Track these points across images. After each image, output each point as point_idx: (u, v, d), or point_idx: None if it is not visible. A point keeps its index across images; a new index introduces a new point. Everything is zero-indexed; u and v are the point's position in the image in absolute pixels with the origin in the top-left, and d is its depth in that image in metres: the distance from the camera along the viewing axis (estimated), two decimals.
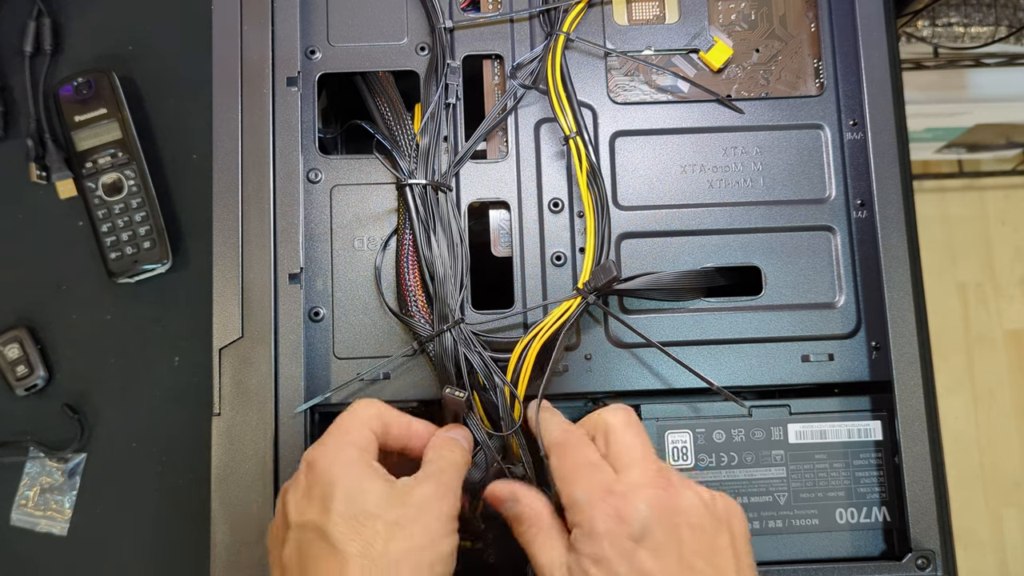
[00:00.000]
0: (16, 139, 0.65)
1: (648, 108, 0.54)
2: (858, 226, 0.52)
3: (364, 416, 0.43)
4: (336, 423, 0.43)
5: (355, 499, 0.39)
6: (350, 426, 0.42)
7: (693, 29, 0.55)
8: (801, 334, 0.51)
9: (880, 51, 0.52)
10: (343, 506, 0.39)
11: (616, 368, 0.50)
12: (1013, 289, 1.52)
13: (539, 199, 0.52)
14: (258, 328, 0.48)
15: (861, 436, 0.50)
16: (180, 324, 0.63)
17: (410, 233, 0.51)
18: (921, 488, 0.48)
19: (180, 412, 0.62)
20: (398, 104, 0.53)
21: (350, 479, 0.40)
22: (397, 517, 0.39)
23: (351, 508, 0.39)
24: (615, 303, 0.51)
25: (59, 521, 0.61)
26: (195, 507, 0.58)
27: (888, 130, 0.51)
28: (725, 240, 0.52)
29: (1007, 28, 1.02)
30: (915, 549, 0.47)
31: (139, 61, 0.66)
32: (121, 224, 0.62)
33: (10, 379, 0.61)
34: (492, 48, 0.54)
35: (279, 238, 0.50)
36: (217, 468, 0.47)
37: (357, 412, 0.43)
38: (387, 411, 0.44)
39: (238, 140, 0.50)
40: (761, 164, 0.53)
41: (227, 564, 0.47)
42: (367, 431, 0.42)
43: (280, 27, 0.52)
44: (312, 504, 0.39)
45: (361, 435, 0.42)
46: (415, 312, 0.50)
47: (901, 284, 0.50)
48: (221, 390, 0.48)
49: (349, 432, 0.42)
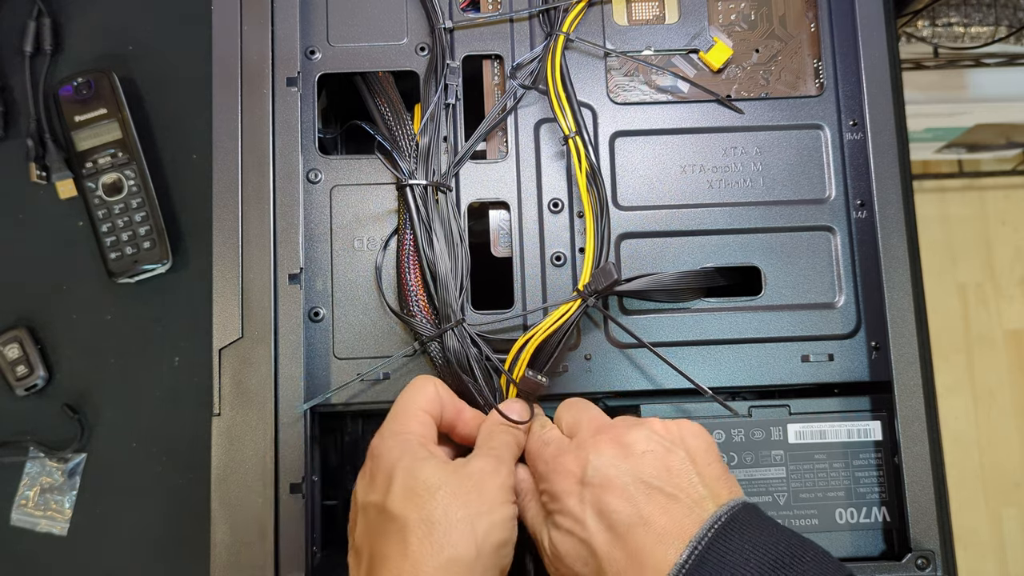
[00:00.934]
0: (16, 139, 0.65)
1: (648, 108, 0.54)
2: (858, 226, 0.52)
3: (422, 400, 0.45)
4: (396, 407, 0.45)
5: (412, 475, 0.41)
6: (408, 410, 0.45)
7: (693, 29, 0.55)
8: (801, 334, 0.51)
9: (880, 51, 0.52)
10: (401, 482, 0.41)
11: (616, 368, 0.50)
12: (1013, 289, 1.52)
13: (539, 199, 0.52)
14: (258, 328, 0.49)
15: (861, 436, 0.50)
16: (180, 324, 0.63)
17: (410, 233, 0.51)
18: (921, 488, 0.48)
19: (180, 412, 0.62)
20: (398, 104, 0.53)
21: (407, 461, 0.42)
22: (454, 486, 0.41)
23: (410, 483, 0.41)
24: (615, 303, 0.51)
25: (59, 521, 0.61)
26: (195, 507, 0.58)
27: (888, 130, 0.51)
28: (725, 240, 0.52)
29: (1007, 28, 1.02)
30: (915, 549, 0.47)
31: (139, 61, 0.66)
32: (121, 224, 0.62)
33: (10, 379, 0.61)
34: (492, 48, 0.54)
35: (279, 238, 0.50)
36: (217, 468, 0.47)
37: (415, 394, 0.45)
38: (444, 391, 0.46)
39: (238, 140, 0.50)
40: (761, 164, 0.53)
41: (227, 564, 0.47)
42: (424, 415, 0.45)
43: (280, 27, 0.52)
44: (375, 488, 0.42)
45: (418, 420, 0.44)
46: (416, 312, 0.50)
47: (901, 284, 0.50)
48: (221, 390, 0.48)
49: (408, 418, 0.44)
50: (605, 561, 0.39)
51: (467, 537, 0.40)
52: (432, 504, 0.40)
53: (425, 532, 0.39)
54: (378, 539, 0.41)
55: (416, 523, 0.40)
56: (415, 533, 0.39)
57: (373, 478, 0.43)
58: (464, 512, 0.40)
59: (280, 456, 0.48)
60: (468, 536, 0.40)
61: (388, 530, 0.40)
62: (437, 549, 0.39)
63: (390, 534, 0.40)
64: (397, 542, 0.40)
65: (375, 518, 0.41)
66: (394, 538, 0.40)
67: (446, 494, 0.40)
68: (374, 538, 0.41)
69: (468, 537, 0.40)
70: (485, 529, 0.40)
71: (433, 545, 0.39)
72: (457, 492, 0.41)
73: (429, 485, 0.41)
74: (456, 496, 0.40)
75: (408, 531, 0.39)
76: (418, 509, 0.40)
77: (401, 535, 0.40)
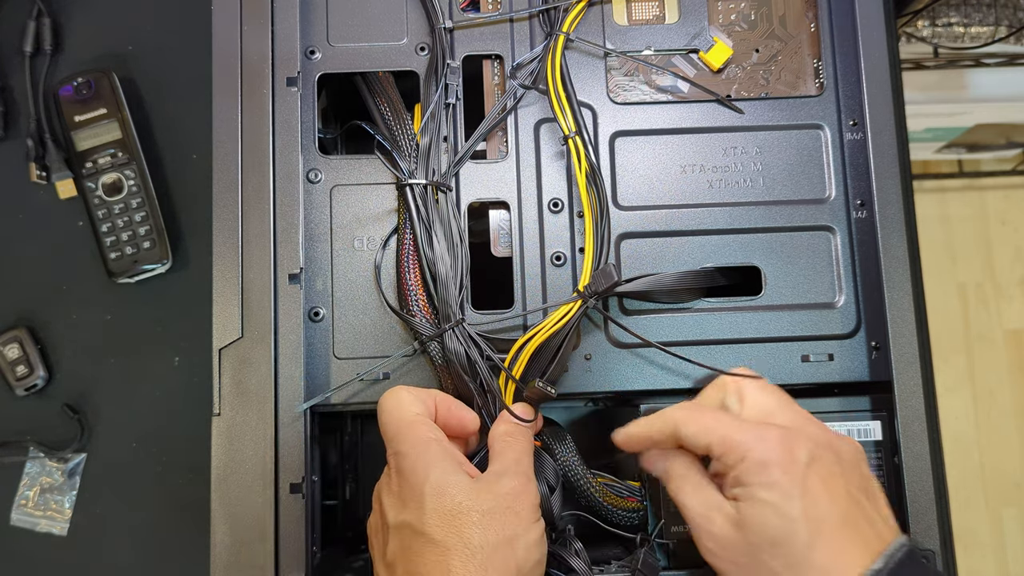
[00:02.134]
0: (16, 139, 0.65)
1: (648, 108, 0.54)
2: (858, 226, 0.52)
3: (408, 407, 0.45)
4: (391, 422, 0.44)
5: (446, 496, 0.41)
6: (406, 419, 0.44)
7: (693, 29, 0.55)
8: (801, 334, 0.51)
9: (880, 51, 0.52)
10: (435, 504, 0.41)
11: (616, 368, 0.50)
12: (1013, 289, 1.52)
13: (539, 199, 0.52)
14: (258, 328, 0.48)
15: (861, 436, 0.50)
16: (180, 324, 0.63)
17: (410, 233, 0.51)
18: (921, 488, 0.48)
19: (180, 412, 0.62)
20: (398, 104, 0.53)
21: (436, 476, 0.41)
22: (489, 508, 0.41)
23: (443, 504, 0.41)
24: (615, 303, 0.51)
25: (59, 521, 0.61)
26: (195, 507, 0.58)
27: (888, 130, 0.51)
28: (725, 240, 0.52)
29: (1007, 28, 1.02)
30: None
31: (139, 61, 0.66)
32: (121, 224, 0.62)
33: (10, 379, 0.61)
34: (492, 48, 0.54)
35: (279, 238, 0.50)
36: (217, 468, 0.47)
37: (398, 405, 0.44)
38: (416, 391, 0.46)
39: (238, 140, 0.50)
40: (761, 164, 0.53)
41: (227, 564, 0.47)
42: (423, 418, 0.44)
43: (280, 27, 0.52)
44: (407, 506, 0.42)
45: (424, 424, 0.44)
46: (416, 311, 0.50)
47: (901, 284, 0.50)
48: (221, 390, 0.48)
49: (413, 428, 0.44)
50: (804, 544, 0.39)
51: (508, 560, 0.40)
52: (470, 528, 0.40)
53: (467, 556, 0.39)
54: (416, 560, 0.40)
55: (456, 547, 0.40)
56: (457, 558, 0.39)
57: (402, 496, 0.42)
58: (503, 535, 0.40)
59: (280, 456, 0.48)
60: (509, 559, 0.40)
61: (426, 552, 0.40)
62: (480, 573, 0.39)
63: (428, 556, 0.40)
64: (437, 565, 0.40)
65: (410, 539, 0.41)
66: (434, 560, 0.40)
67: (482, 516, 0.40)
68: (411, 558, 0.41)
69: (509, 560, 0.40)
70: (524, 550, 0.41)
71: (476, 569, 0.39)
72: (493, 514, 0.41)
73: (465, 507, 0.40)
74: (493, 518, 0.40)
75: (450, 556, 0.39)
76: (457, 533, 0.40)
77: (442, 559, 0.40)
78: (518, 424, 0.46)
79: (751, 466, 0.40)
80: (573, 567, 0.46)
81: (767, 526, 0.39)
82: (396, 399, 0.45)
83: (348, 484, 0.58)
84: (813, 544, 0.39)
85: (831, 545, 0.39)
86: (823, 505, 0.40)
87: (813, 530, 0.39)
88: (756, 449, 0.41)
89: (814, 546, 0.39)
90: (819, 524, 0.39)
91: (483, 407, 0.48)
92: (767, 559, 0.39)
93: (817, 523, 0.39)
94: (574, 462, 0.49)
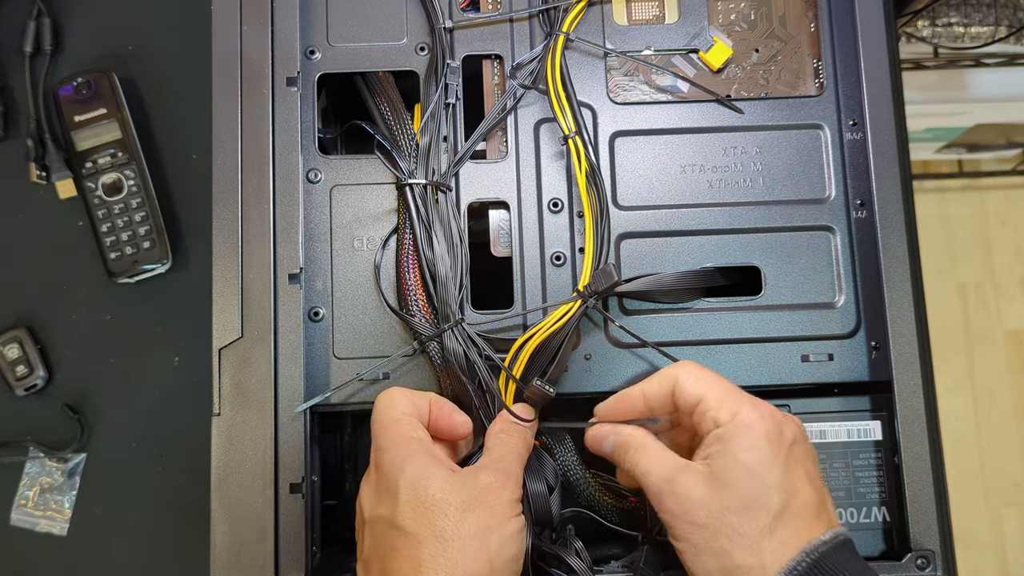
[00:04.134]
0: (16, 139, 0.65)
1: (648, 108, 0.54)
2: (858, 226, 0.52)
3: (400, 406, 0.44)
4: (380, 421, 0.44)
5: (420, 488, 0.40)
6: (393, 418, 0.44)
7: (693, 29, 0.55)
8: (801, 334, 0.51)
9: (880, 51, 0.52)
10: (409, 496, 0.40)
11: (616, 368, 0.50)
12: (1013, 289, 1.52)
13: (539, 199, 0.52)
14: (258, 328, 0.49)
15: (861, 436, 0.50)
16: (180, 324, 0.63)
17: (410, 233, 0.51)
18: (921, 488, 0.48)
19: (180, 412, 0.62)
20: (398, 104, 0.53)
21: (413, 470, 0.41)
22: (462, 501, 0.40)
23: (417, 496, 0.40)
24: (615, 302, 0.51)
25: (59, 521, 0.61)
26: (195, 507, 0.58)
27: (888, 130, 0.51)
28: (725, 240, 0.52)
29: (1007, 28, 1.02)
30: (915, 549, 0.47)
31: (139, 61, 0.66)
32: (121, 224, 0.62)
33: (10, 379, 0.61)
34: (492, 48, 0.54)
35: (279, 238, 0.50)
36: (217, 468, 0.47)
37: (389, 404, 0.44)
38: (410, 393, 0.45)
39: (238, 140, 0.50)
40: (761, 164, 0.53)
41: (227, 564, 0.47)
42: (410, 418, 0.44)
43: (280, 27, 0.52)
44: (382, 500, 0.42)
45: (409, 424, 0.44)
46: (416, 311, 0.50)
47: (901, 284, 0.50)
48: (221, 390, 0.48)
49: (398, 426, 0.43)
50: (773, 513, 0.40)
51: (481, 553, 0.39)
52: (443, 519, 0.40)
53: (439, 549, 0.39)
54: (389, 554, 0.40)
55: (428, 539, 0.39)
56: (428, 550, 0.39)
57: (379, 490, 0.42)
58: (476, 527, 0.40)
59: (280, 456, 0.48)
60: (482, 552, 0.39)
61: (398, 545, 0.40)
62: (451, 566, 0.39)
63: (401, 549, 0.40)
64: (409, 558, 0.39)
65: (384, 532, 0.41)
66: (406, 554, 0.39)
67: (456, 509, 0.40)
68: (384, 553, 0.40)
69: (482, 553, 0.39)
70: (498, 544, 0.40)
71: (448, 562, 0.39)
72: (468, 506, 0.40)
73: (438, 499, 0.40)
74: (467, 511, 0.40)
75: (421, 547, 0.39)
76: (429, 524, 0.39)
77: (413, 551, 0.39)
78: (515, 423, 0.46)
79: (739, 426, 0.41)
80: (573, 567, 0.46)
81: (741, 486, 0.40)
82: (389, 399, 0.45)
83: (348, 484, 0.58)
84: (781, 515, 0.40)
85: (795, 521, 0.40)
86: (797, 483, 0.41)
87: (784, 501, 0.40)
88: (749, 413, 0.42)
89: (781, 517, 0.40)
90: (790, 498, 0.40)
91: (481, 408, 0.48)
92: (733, 519, 0.40)
93: (789, 496, 0.40)
94: (573, 462, 0.49)
